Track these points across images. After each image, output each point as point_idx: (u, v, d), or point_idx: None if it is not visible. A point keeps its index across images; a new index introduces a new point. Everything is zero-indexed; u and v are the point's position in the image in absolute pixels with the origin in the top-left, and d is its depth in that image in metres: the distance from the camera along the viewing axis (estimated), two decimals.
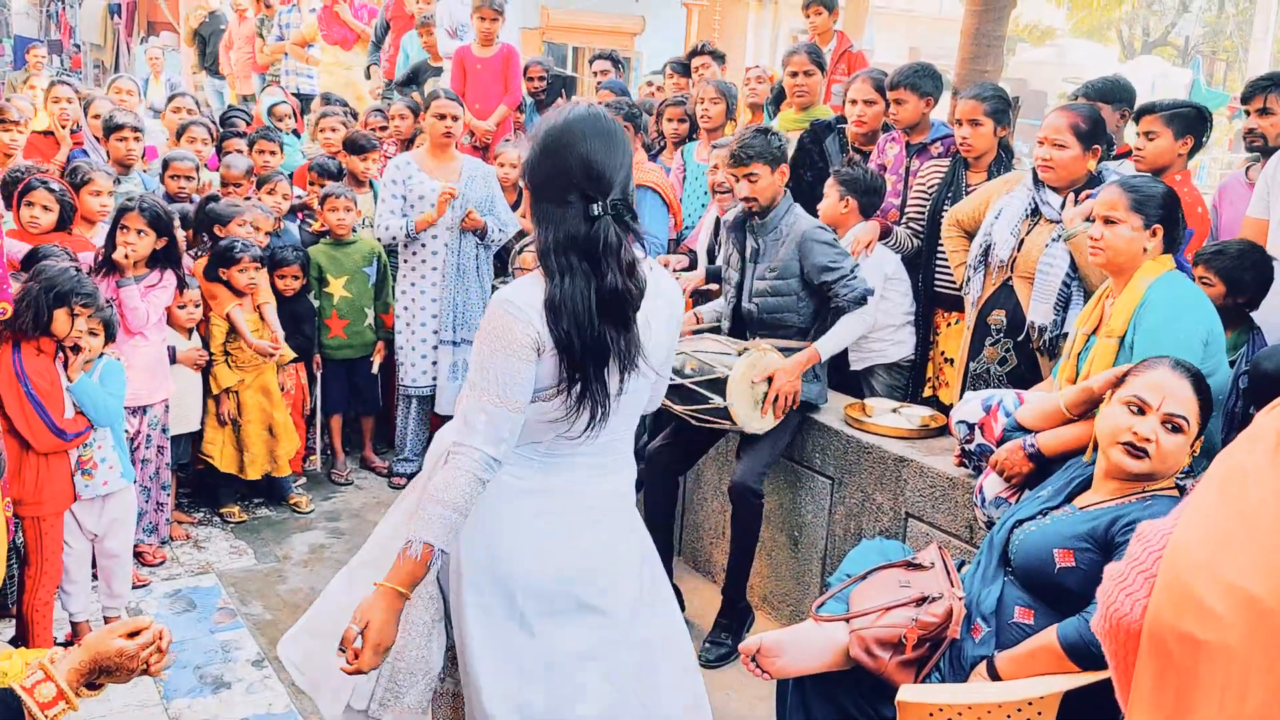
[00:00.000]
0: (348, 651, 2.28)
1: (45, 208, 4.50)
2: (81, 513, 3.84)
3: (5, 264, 3.40)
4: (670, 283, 2.61)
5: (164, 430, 4.64)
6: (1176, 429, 2.56)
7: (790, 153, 4.27)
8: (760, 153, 4.04)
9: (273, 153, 6.28)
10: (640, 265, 2.38)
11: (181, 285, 4.63)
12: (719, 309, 4.43)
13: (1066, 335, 3.65)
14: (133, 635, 2.09)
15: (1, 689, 1.96)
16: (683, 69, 6.93)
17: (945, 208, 4.40)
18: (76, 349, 3.72)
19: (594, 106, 2.50)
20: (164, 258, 4.44)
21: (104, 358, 3.88)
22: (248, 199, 5.59)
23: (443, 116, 5.41)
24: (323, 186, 5.92)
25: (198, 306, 4.80)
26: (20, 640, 3.75)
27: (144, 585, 4.44)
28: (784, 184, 4.11)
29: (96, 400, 3.77)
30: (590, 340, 2.31)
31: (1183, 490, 2.64)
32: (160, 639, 2.12)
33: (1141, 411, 2.59)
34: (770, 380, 3.96)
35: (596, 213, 2.29)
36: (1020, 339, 3.81)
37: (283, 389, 5.23)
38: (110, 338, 3.89)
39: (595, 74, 7.61)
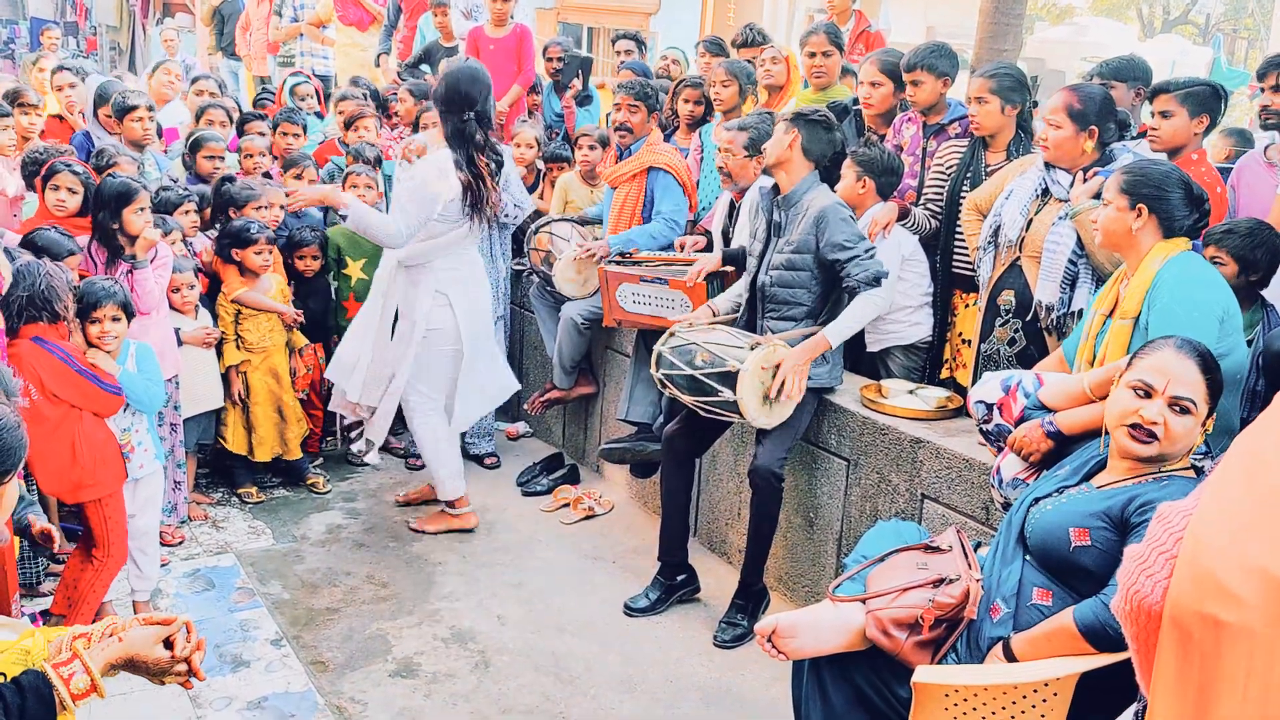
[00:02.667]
0: None
1: (70, 190, 4.54)
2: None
3: None
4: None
5: (175, 408, 4.67)
6: (1184, 410, 2.54)
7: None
8: (793, 118, 4.12)
9: (296, 135, 6.29)
10: (490, 145, 4.73)
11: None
12: (735, 298, 4.42)
13: (1073, 314, 3.65)
14: (170, 640, 2.14)
15: (34, 672, 1.97)
16: (716, 48, 6.88)
17: (964, 188, 4.38)
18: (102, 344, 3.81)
19: (465, 62, 4.71)
20: None
21: (130, 343, 3.93)
22: (268, 174, 5.62)
23: None
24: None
25: (192, 289, 4.81)
26: (51, 617, 3.79)
27: (164, 565, 4.47)
28: (793, 151, 4.10)
29: (139, 390, 3.86)
30: (472, 181, 4.64)
31: (1199, 470, 2.63)
32: (197, 646, 2.16)
33: (1148, 395, 2.57)
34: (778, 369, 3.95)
35: (465, 118, 4.58)
36: (1029, 319, 3.80)
37: (294, 374, 5.25)
38: (129, 316, 3.93)
39: (619, 53, 7.61)
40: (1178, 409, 2.54)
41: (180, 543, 4.72)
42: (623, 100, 5.34)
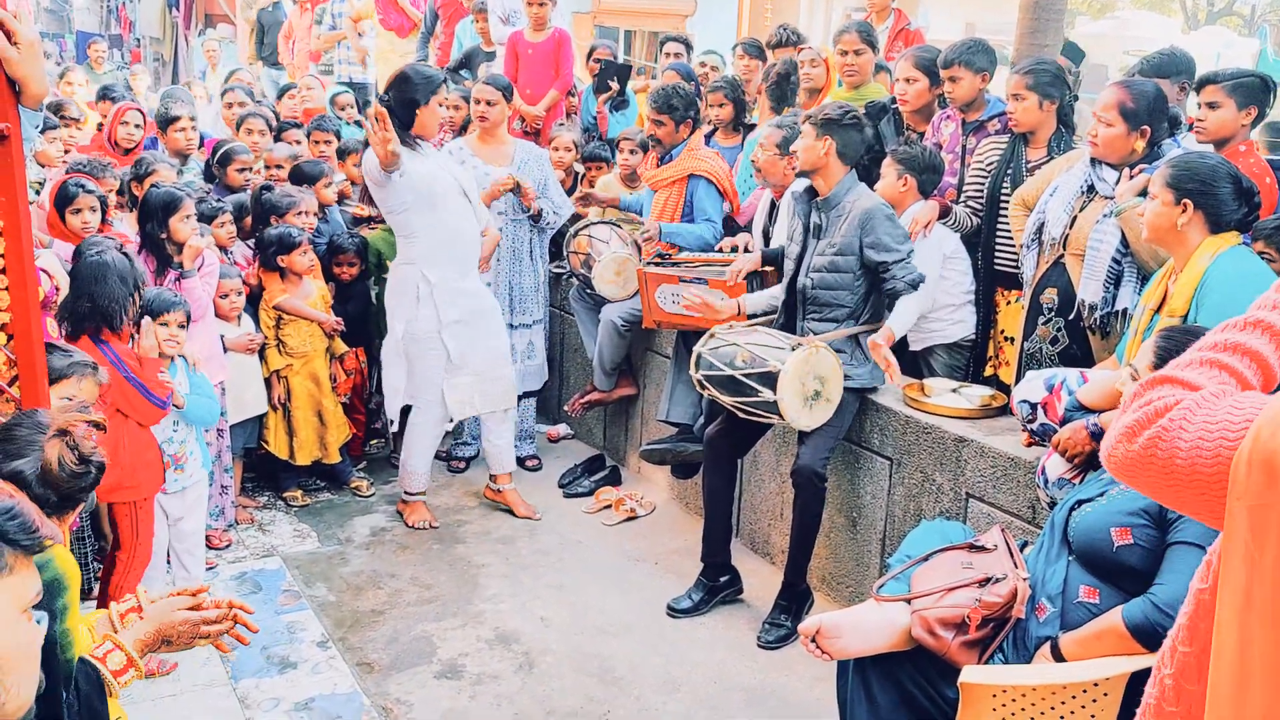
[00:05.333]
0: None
1: (92, 209, 4.53)
2: (168, 502, 3.96)
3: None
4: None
5: (222, 413, 4.72)
6: (1133, 378, 2.66)
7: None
8: (810, 115, 4.12)
9: (328, 142, 6.34)
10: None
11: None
12: (770, 299, 4.41)
13: (1117, 313, 3.60)
14: (195, 608, 2.18)
15: (84, 659, 2.02)
16: (755, 50, 6.87)
17: (1004, 185, 4.35)
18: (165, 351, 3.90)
19: (409, 67, 4.92)
20: None
21: (180, 360, 4.01)
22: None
23: (478, 101, 5.47)
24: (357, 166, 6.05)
25: (240, 295, 4.88)
26: None
27: (211, 568, 4.53)
28: (829, 157, 4.08)
29: (200, 410, 4.00)
30: None
31: None
32: (229, 609, 2.20)
33: None
34: (821, 380, 3.94)
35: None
36: (1071, 317, 3.76)
37: (335, 380, 5.30)
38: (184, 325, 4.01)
39: (667, 55, 7.64)
40: (1132, 379, 2.66)
41: (227, 546, 4.78)
42: (650, 114, 5.35)
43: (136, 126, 6.02)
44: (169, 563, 4.10)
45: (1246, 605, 1.33)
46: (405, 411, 5.14)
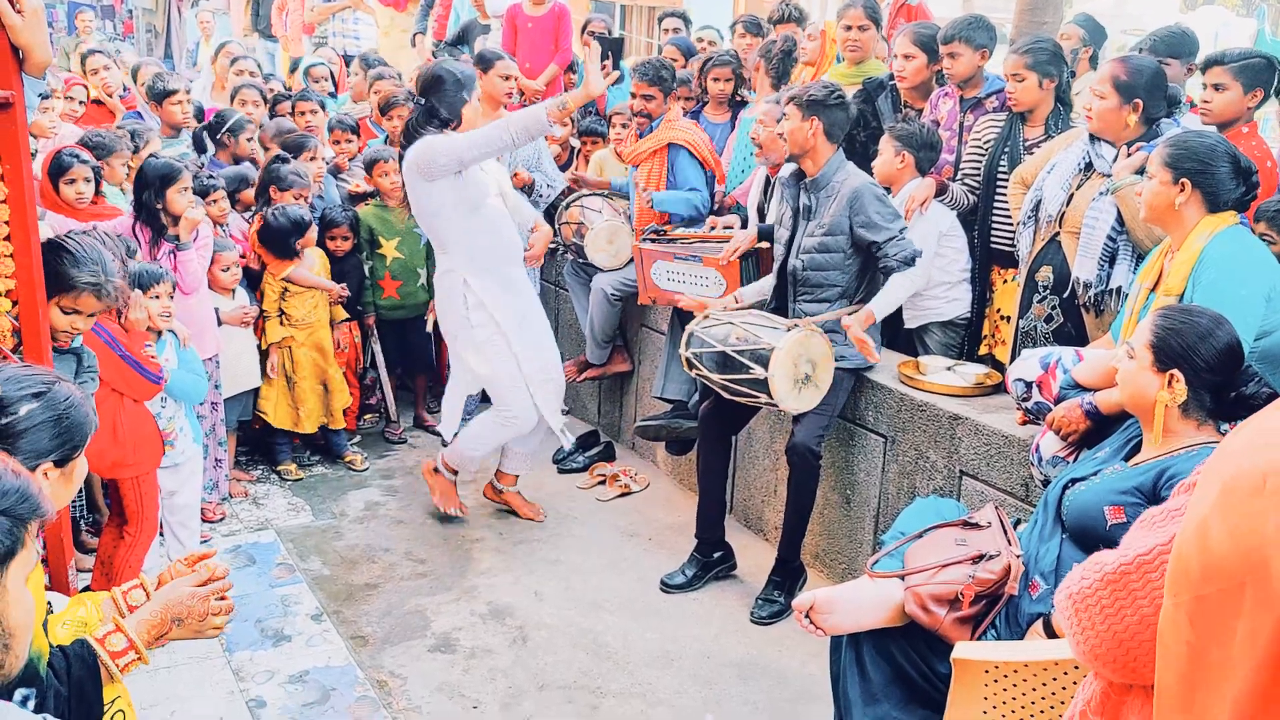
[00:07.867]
0: None
1: (86, 179, 4.45)
2: (161, 477, 3.96)
3: None
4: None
5: (216, 386, 4.72)
6: (1130, 357, 2.64)
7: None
8: (794, 96, 4.09)
9: (313, 112, 6.31)
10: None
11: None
12: (763, 289, 4.40)
13: (1111, 291, 3.60)
14: (203, 583, 2.17)
15: (80, 641, 2.01)
16: (755, 27, 6.83)
17: (1002, 163, 4.34)
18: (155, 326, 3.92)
19: (440, 68, 4.57)
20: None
21: (168, 336, 4.00)
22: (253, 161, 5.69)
23: (507, 78, 5.49)
24: (348, 143, 6.13)
25: (237, 267, 4.87)
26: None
27: (205, 541, 4.53)
28: (816, 139, 4.06)
29: (187, 387, 4.01)
30: None
31: None
32: (222, 578, 2.21)
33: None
34: (812, 364, 3.93)
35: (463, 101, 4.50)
36: (1066, 295, 3.76)
37: (337, 347, 5.31)
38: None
39: (666, 30, 7.62)
40: (1128, 357, 2.64)
41: (221, 519, 4.78)
42: (637, 87, 5.31)
43: (80, 104, 6.02)
44: (161, 535, 4.10)
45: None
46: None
